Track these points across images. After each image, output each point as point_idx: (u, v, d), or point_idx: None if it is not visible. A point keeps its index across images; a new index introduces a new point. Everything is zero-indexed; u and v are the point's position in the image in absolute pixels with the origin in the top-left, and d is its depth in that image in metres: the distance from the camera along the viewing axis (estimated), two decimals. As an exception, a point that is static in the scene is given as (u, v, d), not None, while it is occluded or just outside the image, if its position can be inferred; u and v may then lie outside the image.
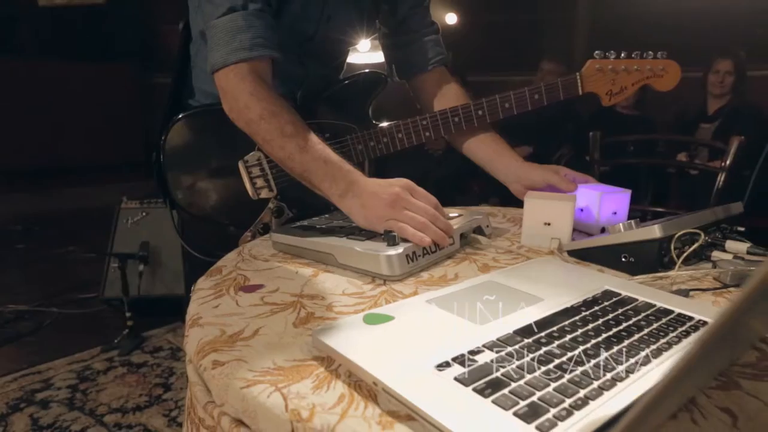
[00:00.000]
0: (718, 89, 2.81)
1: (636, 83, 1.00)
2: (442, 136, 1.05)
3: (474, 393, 0.39)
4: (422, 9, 1.10)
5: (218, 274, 0.70)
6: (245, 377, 0.44)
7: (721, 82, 2.77)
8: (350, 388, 0.42)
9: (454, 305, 0.55)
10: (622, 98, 1.02)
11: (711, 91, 2.85)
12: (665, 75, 0.99)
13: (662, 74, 0.99)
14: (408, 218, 0.69)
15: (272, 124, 0.83)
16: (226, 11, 0.86)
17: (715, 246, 0.73)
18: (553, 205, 0.81)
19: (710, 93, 2.87)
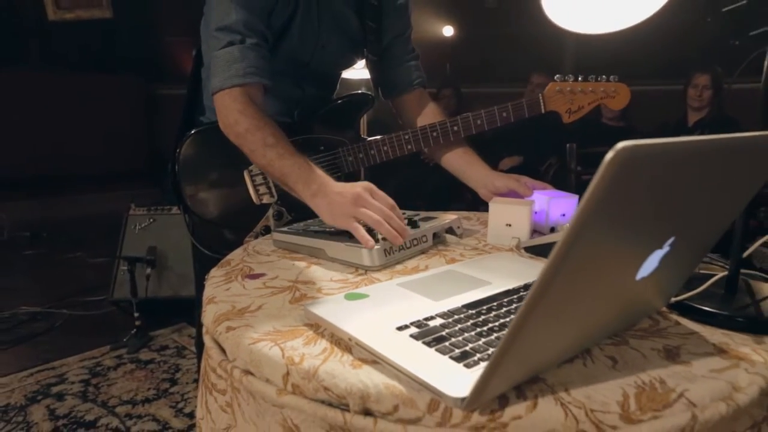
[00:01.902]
0: (696, 102, 2.96)
1: (591, 103, 1.13)
2: (422, 149, 1.19)
3: (423, 345, 0.52)
4: (404, 39, 1.25)
5: (228, 265, 0.83)
6: (252, 336, 0.57)
7: (699, 95, 2.92)
8: (331, 343, 0.56)
9: (419, 287, 0.69)
10: (580, 115, 1.16)
11: (690, 104, 3.00)
12: (617, 96, 1.13)
13: (614, 95, 1.13)
14: (365, 215, 0.82)
15: (256, 137, 0.98)
16: (225, 44, 1.00)
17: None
18: (514, 209, 0.94)
19: (690, 106, 3.01)
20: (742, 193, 0.54)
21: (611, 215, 0.34)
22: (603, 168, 0.30)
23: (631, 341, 0.57)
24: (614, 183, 0.31)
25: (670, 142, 0.33)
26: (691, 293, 0.65)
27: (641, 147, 0.30)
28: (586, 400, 0.46)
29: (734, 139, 0.40)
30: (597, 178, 0.31)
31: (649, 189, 0.35)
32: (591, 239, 0.34)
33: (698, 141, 0.35)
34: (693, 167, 0.39)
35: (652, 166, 0.33)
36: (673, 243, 0.48)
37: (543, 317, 0.39)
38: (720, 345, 0.57)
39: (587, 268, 0.38)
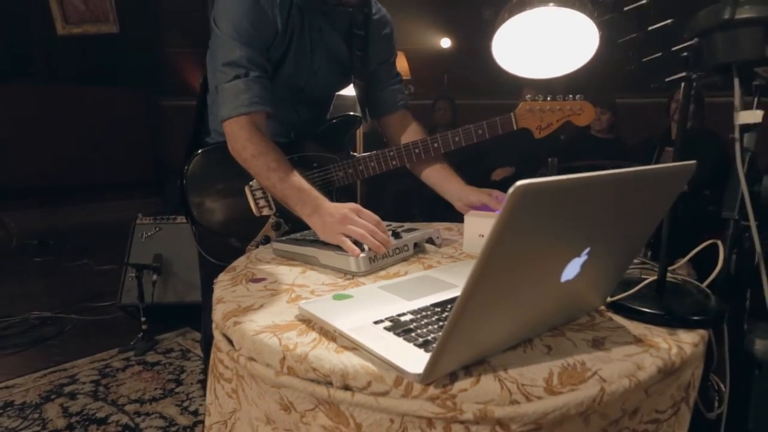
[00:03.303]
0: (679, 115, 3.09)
1: (559, 120, 1.25)
2: (405, 164, 1.31)
3: (394, 335, 0.65)
4: (389, 65, 1.37)
5: (233, 271, 0.96)
6: (254, 329, 0.70)
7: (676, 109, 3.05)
8: (320, 335, 0.68)
9: (397, 289, 0.81)
10: (550, 131, 1.27)
11: (674, 117, 3.13)
12: (582, 113, 1.24)
13: (579, 113, 1.24)
14: (352, 231, 0.95)
15: (261, 161, 1.11)
16: (232, 78, 1.14)
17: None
18: (486, 221, 1.07)
19: (673, 119, 3.14)
20: (652, 212, 0.66)
21: (518, 235, 0.46)
22: (505, 201, 0.43)
23: (567, 333, 0.70)
24: (515, 212, 0.43)
25: (559, 180, 0.45)
26: (625, 294, 0.78)
27: (534, 185, 0.43)
28: (519, 377, 0.58)
29: (620, 174, 0.52)
30: (502, 209, 0.43)
31: (550, 214, 0.48)
32: (504, 254, 0.47)
33: (585, 177, 0.48)
34: (589, 196, 0.51)
35: (548, 198, 0.46)
36: (589, 252, 0.60)
37: (474, 312, 0.52)
38: (639, 336, 0.69)
39: (507, 275, 0.51)
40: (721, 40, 0.79)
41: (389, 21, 1.37)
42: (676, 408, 0.70)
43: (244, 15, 1.13)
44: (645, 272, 0.91)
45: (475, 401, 0.56)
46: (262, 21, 1.15)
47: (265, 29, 1.16)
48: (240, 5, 1.13)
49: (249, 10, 1.13)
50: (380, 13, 1.35)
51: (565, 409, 0.56)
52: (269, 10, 1.16)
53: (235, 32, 1.13)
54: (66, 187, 4.87)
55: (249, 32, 1.14)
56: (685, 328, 0.72)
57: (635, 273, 0.90)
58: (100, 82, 4.96)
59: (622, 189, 0.55)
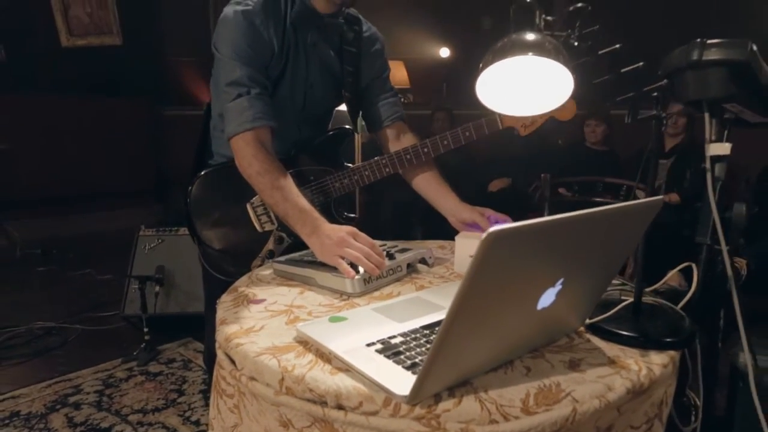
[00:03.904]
0: (672, 129, 3.15)
1: (543, 116, 1.26)
2: (398, 170, 1.36)
3: (384, 357, 0.70)
4: (381, 80, 1.42)
5: (235, 292, 1.01)
6: (256, 351, 0.75)
7: (674, 123, 3.12)
8: (316, 356, 0.73)
9: (389, 311, 0.86)
10: (534, 128, 1.29)
11: (666, 131, 3.19)
12: (564, 108, 1.23)
13: (562, 108, 1.25)
14: (348, 254, 1.00)
15: (266, 178, 1.17)
16: (235, 97, 1.20)
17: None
18: (475, 242, 1.12)
19: (666, 132, 3.20)
20: (623, 243, 0.72)
21: (492, 276, 0.51)
22: (479, 246, 0.48)
23: (546, 355, 0.75)
24: (487, 257, 0.48)
25: (529, 225, 0.50)
26: (602, 317, 0.83)
27: (505, 232, 0.48)
28: (498, 398, 0.63)
29: (588, 214, 0.57)
30: (476, 252, 0.48)
31: (521, 255, 0.53)
32: (479, 293, 0.52)
33: (554, 221, 0.53)
34: (559, 236, 0.57)
35: (519, 242, 0.51)
36: (563, 282, 0.65)
37: (454, 341, 0.57)
38: (613, 358, 0.74)
39: (483, 309, 0.56)
40: (692, 78, 0.85)
41: (380, 38, 1.43)
42: (649, 424, 0.76)
43: (241, 37, 1.20)
44: (624, 293, 0.96)
45: (458, 420, 0.61)
46: (258, 42, 1.22)
47: (262, 49, 1.23)
48: (237, 29, 1.20)
49: (246, 32, 1.20)
50: (370, 30, 1.41)
51: (540, 428, 0.61)
52: (264, 32, 1.22)
53: (234, 54, 1.20)
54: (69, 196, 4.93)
55: (247, 52, 1.20)
56: (656, 350, 0.77)
57: (615, 294, 0.96)
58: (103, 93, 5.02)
59: (591, 227, 0.61)
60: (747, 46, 0.79)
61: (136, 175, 5.41)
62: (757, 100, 0.86)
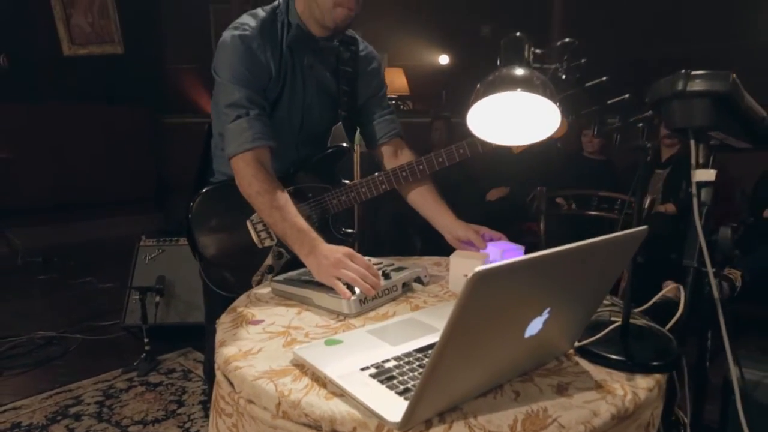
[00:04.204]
0: (668, 140, 3.18)
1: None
2: (395, 187, 1.38)
3: (377, 382, 0.72)
4: (378, 98, 1.45)
5: (234, 312, 1.03)
6: (254, 374, 0.77)
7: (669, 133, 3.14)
8: (312, 380, 0.76)
9: (383, 333, 0.89)
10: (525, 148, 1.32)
11: (663, 141, 3.22)
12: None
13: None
14: (344, 275, 1.02)
15: (265, 198, 1.19)
16: (234, 118, 1.23)
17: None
18: (469, 262, 1.15)
19: (663, 143, 3.23)
20: (609, 271, 0.74)
21: (478, 312, 0.54)
22: (465, 285, 0.51)
23: (535, 378, 0.77)
24: (473, 296, 0.51)
25: (512, 263, 0.53)
26: (591, 339, 0.85)
27: (490, 271, 0.50)
28: (486, 424, 0.66)
29: (571, 249, 0.60)
30: (462, 291, 0.51)
31: (506, 290, 0.56)
32: (466, 328, 0.54)
33: (537, 257, 0.56)
34: (543, 271, 0.59)
35: (503, 280, 0.54)
36: (550, 311, 0.68)
37: (444, 371, 0.59)
38: (600, 382, 0.77)
39: (471, 341, 0.58)
40: (677, 107, 0.88)
41: (376, 56, 1.46)
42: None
43: (239, 61, 1.23)
44: (614, 314, 0.99)
45: (448, 446, 0.63)
46: (256, 65, 1.25)
47: (259, 72, 1.26)
48: (235, 53, 1.23)
49: (243, 56, 1.23)
50: (367, 50, 1.44)
51: (526, 454, 0.63)
52: (262, 55, 1.25)
53: (233, 77, 1.23)
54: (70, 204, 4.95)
55: (246, 75, 1.23)
56: (643, 373, 0.79)
57: (605, 315, 0.98)
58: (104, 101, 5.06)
59: (575, 261, 0.63)
60: (728, 78, 0.82)
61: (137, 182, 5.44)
62: (739, 128, 0.89)
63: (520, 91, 0.78)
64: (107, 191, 5.17)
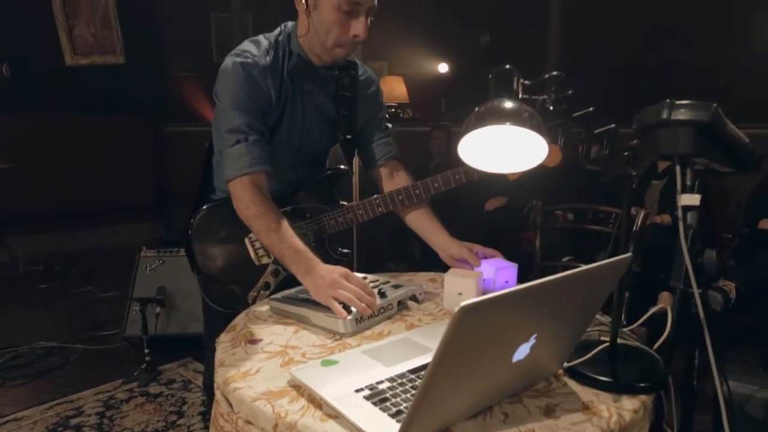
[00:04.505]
0: (664, 151, 3.21)
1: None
2: (391, 210, 1.41)
3: (371, 404, 0.75)
4: (377, 120, 1.48)
5: (233, 331, 1.06)
6: (251, 396, 0.80)
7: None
8: (308, 401, 0.78)
9: (378, 354, 0.91)
10: (521, 174, 1.34)
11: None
12: (550, 155, 1.31)
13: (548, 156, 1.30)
14: (340, 295, 1.05)
15: (262, 221, 1.22)
16: (234, 143, 1.26)
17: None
18: (463, 281, 1.17)
19: (659, 153, 3.26)
20: (596, 297, 0.77)
21: (465, 343, 0.56)
22: (453, 318, 0.53)
23: (524, 400, 0.80)
24: (460, 329, 0.54)
25: (497, 297, 0.56)
26: (579, 360, 0.88)
27: (475, 305, 0.53)
28: (476, 446, 0.68)
29: (555, 280, 0.63)
30: (450, 324, 0.54)
31: (492, 322, 0.58)
32: (454, 356, 0.57)
33: (521, 290, 0.58)
34: (528, 302, 0.62)
35: (489, 312, 0.56)
36: (537, 337, 0.70)
37: (435, 394, 0.62)
38: (587, 403, 0.79)
39: (460, 367, 0.61)
40: (663, 135, 0.91)
41: (375, 80, 1.49)
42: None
43: (240, 87, 1.26)
44: (604, 334, 1.01)
45: (438, 468, 0.66)
46: (256, 91, 1.28)
47: (259, 98, 1.29)
48: (236, 79, 1.26)
49: (244, 83, 1.26)
50: (366, 73, 1.47)
51: (513, 476, 0.66)
52: (262, 82, 1.28)
53: (233, 103, 1.26)
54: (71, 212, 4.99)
55: (246, 102, 1.26)
56: (629, 394, 0.82)
57: (594, 334, 1.00)
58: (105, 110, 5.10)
59: (559, 291, 0.66)
60: (711, 108, 0.85)
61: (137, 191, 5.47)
62: (722, 155, 0.92)
63: (509, 124, 0.81)
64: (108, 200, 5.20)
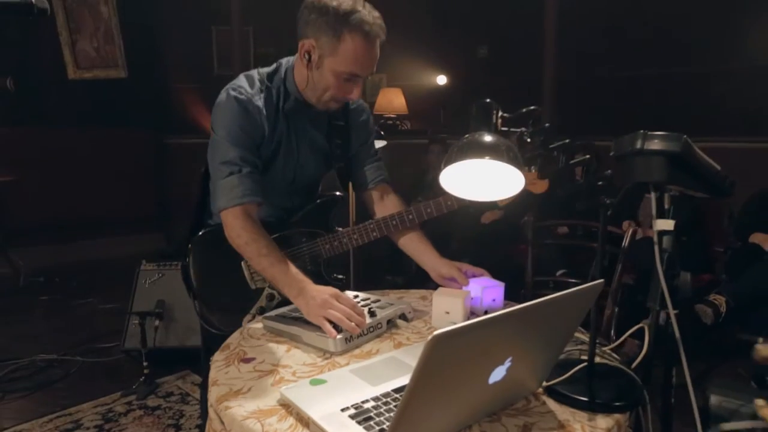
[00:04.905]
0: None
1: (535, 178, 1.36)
2: (385, 234, 1.45)
3: (356, 423, 0.78)
4: (368, 145, 1.53)
5: (227, 350, 1.10)
6: (242, 414, 0.83)
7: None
8: (296, 420, 0.82)
9: (365, 373, 0.95)
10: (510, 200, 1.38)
11: (652, 166, 3.29)
12: (536, 183, 1.35)
13: (535, 182, 1.35)
14: (331, 315, 1.09)
15: (253, 248, 1.27)
16: (227, 174, 1.30)
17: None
18: (451, 300, 1.21)
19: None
20: (569, 320, 0.81)
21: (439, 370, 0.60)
22: (425, 347, 0.57)
23: (503, 418, 0.83)
24: (432, 357, 0.57)
25: (468, 325, 0.60)
26: (557, 380, 0.91)
27: (447, 334, 0.57)
28: (453, 464, 0.72)
29: (527, 307, 0.67)
30: (422, 352, 0.57)
31: (465, 349, 0.62)
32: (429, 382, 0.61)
33: (492, 318, 0.62)
34: (500, 328, 0.66)
35: (461, 340, 0.60)
36: (512, 360, 0.74)
37: (412, 417, 0.66)
38: (563, 422, 0.83)
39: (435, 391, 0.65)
40: (638, 163, 0.95)
41: (365, 108, 1.54)
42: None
43: (234, 121, 1.31)
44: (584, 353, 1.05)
45: (417, 486, 0.69)
46: (251, 125, 1.32)
47: (253, 132, 1.33)
48: (231, 113, 1.31)
49: (238, 117, 1.31)
50: (357, 102, 1.51)
51: (489, 493, 0.69)
52: (257, 116, 1.33)
53: (228, 136, 1.31)
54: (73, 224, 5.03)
55: (240, 135, 1.31)
56: (604, 413, 0.86)
57: (575, 353, 1.04)
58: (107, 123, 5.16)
59: (531, 317, 0.70)
60: (681, 139, 0.89)
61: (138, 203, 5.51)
62: (693, 182, 0.96)
63: (488, 159, 0.86)
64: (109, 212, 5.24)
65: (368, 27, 1.21)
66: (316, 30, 1.24)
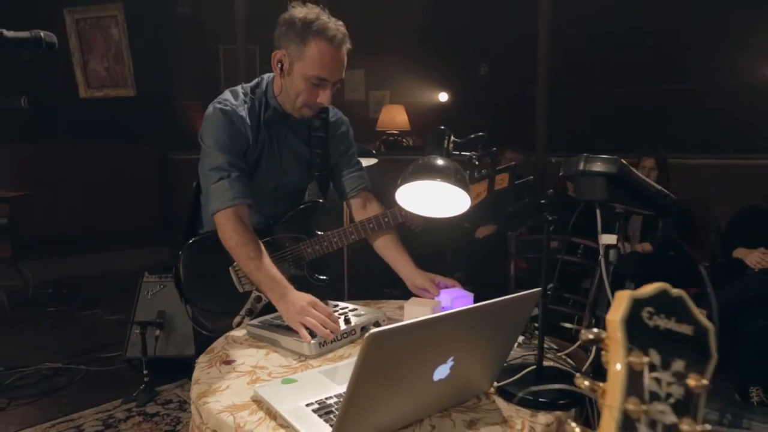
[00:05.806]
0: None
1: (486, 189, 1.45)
2: (362, 237, 1.55)
3: (317, 416, 0.88)
4: (348, 156, 1.64)
5: (211, 353, 1.20)
6: (218, 408, 0.93)
7: (647, 176, 3.30)
8: (266, 414, 0.91)
9: (333, 374, 1.04)
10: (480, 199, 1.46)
11: (641, 182, 3.37)
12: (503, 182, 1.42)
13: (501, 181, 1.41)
14: (306, 321, 1.18)
15: (242, 250, 1.37)
16: (217, 180, 1.41)
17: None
18: (421, 309, 1.30)
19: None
20: (511, 324, 0.90)
21: (378, 367, 0.69)
22: (363, 344, 0.67)
23: (453, 414, 0.92)
24: (370, 355, 0.67)
25: (404, 326, 0.69)
26: (506, 381, 1.00)
27: (383, 333, 0.67)
28: (400, 452, 0.80)
29: (463, 311, 0.76)
30: (361, 349, 0.67)
31: (403, 348, 0.71)
32: (370, 378, 0.70)
33: (428, 320, 0.71)
34: (437, 330, 0.75)
35: (398, 339, 0.70)
36: (455, 359, 0.83)
37: (359, 406, 0.75)
38: (507, 417, 0.91)
39: (378, 386, 0.74)
40: (583, 183, 1.04)
41: (345, 121, 1.65)
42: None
43: (221, 130, 1.43)
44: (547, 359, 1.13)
45: (366, 470, 0.78)
46: (236, 133, 1.44)
47: (239, 140, 1.45)
48: (218, 123, 1.43)
49: (225, 126, 1.43)
50: (336, 115, 1.63)
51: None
52: (241, 126, 1.45)
53: (216, 144, 1.42)
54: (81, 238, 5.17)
55: (227, 143, 1.43)
56: (546, 410, 0.94)
57: (529, 358, 1.13)
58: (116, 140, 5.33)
59: (468, 320, 0.79)
60: (617, 162, 0.99)
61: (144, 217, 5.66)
62: (633, 200, 1.05)
63: (439, 181, 0.96)
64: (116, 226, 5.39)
65: (331, 33, 1.35)
66: (286, 39, 1.38)
